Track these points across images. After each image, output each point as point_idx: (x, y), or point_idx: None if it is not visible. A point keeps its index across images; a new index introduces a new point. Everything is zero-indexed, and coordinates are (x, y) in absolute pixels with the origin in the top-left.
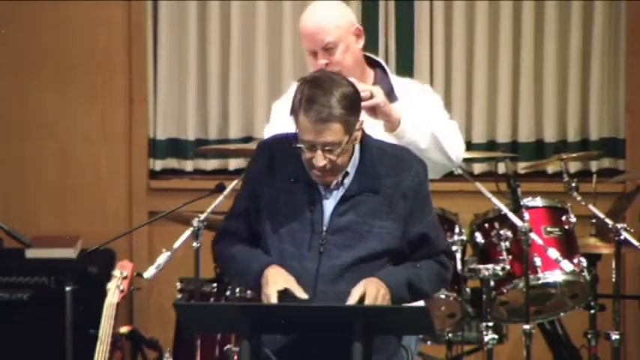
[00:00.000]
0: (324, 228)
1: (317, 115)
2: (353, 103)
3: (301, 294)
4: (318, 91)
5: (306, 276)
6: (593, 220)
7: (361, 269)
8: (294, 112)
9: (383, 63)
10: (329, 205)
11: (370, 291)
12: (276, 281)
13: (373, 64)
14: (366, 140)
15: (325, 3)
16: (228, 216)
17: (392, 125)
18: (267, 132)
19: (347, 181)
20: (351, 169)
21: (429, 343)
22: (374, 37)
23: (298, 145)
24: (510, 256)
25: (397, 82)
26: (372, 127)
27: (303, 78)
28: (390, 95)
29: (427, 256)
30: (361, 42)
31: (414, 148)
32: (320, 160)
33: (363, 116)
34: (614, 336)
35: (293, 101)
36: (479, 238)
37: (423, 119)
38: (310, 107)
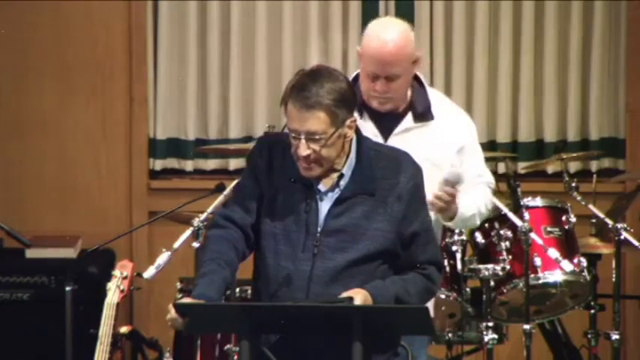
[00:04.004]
0: (319, 229)
1: (303, 102)
2: (344, 97)
3: None
4: (309, 81)
5: (299, 277)
6: (593, 220)
7: (354, 272)
8: (283, 100)
9: (420, 75)
10: (324, 206)
11: (357, 303)
12: None
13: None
14: (362, 142)
15: (402, 26)
16: (229, 201)
17: (449, 217)
18: None
19: (343, 182)
20: (347, 171)
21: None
22: None
23: (286, 132)
24: (510, 256)
25: (434, 98)
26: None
27: (302, 69)
28: (427, 114)
29: (415, 260)
30: (417, 66)
31: (462, 225)
32: (303, 149)
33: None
34: (614, 336)
35: (284, 90)
36: (479, 238)
37: (473, 201)
38: (298, 94)
